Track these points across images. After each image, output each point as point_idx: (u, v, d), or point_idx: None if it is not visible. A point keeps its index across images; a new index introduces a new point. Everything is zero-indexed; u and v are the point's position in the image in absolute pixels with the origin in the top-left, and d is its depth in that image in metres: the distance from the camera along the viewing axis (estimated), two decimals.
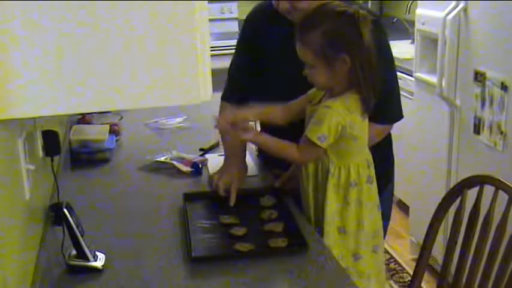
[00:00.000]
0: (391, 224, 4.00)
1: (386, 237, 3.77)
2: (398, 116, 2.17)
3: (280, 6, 1.97)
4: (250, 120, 1.97)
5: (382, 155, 2.23)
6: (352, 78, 1.82)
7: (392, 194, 2.36)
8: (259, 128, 2.31)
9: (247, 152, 2.42)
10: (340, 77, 1.82)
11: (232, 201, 2.02)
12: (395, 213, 4.23)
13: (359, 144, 1.90)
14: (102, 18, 1.12)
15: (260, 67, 2.15)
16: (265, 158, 2.39)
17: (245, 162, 2.23)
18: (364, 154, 1.94)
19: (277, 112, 2.02)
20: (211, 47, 1.24)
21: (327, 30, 1.78)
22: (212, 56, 1.26)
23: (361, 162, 1.92)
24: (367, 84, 1.82)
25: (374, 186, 1.97)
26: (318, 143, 1.82)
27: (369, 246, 1.97)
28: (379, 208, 1.99)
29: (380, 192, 2.19)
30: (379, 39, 2.06)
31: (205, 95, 1.21)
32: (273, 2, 2.02)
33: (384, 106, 2.08)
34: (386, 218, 2.33)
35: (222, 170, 2.15)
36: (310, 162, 1.91)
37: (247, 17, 2.29)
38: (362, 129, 1.90)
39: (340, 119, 1.81)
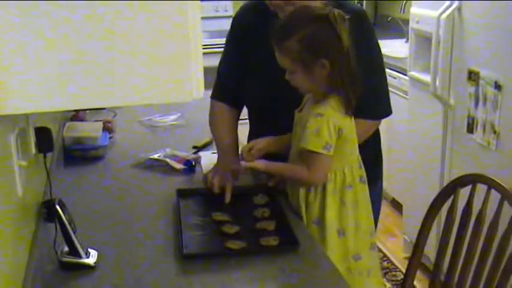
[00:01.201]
0: (385, 222, 4.05)
1: (378, 236, 3.81)
2: (387, 111, 2.17)
3: (273, 2, 1.97)
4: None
5: (371, 153, 2.24)
6: (333, 80, 1.82)
7: (382, 192, 2.37)
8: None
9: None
10: (321, 80, 1.82)
11: (227, 199, 2.02)
12: (389, 212, 4.25)
13: (351, 145, 1.91)
14: (96, 17, 1.12)
15: (249, 65, 2.15)
16: None
17: (238, 159, 2.23)
18: (356, 155, 1.95)
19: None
20: (206, 45, 1.24)
21: (303, 36, 1.77)
22: (207, 53, 1.26)
23: (354, 163, 1.93)
24: (347, 85, 1.82)
25: (366, 185, 1.98)
26: (325, 152, 1.82)
27: (367, 245, 1.98)
28: (370, 206, 2.00)
29: (371, 190, 2.21)
30: (367, 35, 2.08)
31: (198, 93, 1.21)
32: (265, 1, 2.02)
33: (372, 102, 2.10)
34: (377, 214, 2.35)
35: (216, 168, 2.15)
36: (324, 179, 1.89)
37: (236, 15, 2.28)
38: (352, 130, 1.90)
39: (336, 122, 1.82)
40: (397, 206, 4.23)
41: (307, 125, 1.82)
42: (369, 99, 2.09)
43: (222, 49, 2.31)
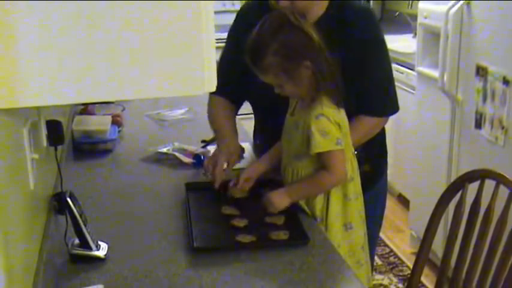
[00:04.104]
0: (391, 217, 4.05)
1: (385, 231, 3.82)
2: (394, 108, 2.17)
3: (280, 4, 1.95)
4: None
5: (376, 148, 2.24)
6: (317, 78, 1.81)
7: (387, 187, 2.38)
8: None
9: (247, 144, 2.43)
10: (308, 82, 1.82)
11: (216, 184, 2.03)
12: (395, 207, 4.25)
13: (347, 138, 1.92)
14: (108, 10, 1.12)
15: None
16: (265, 149, 2.38)
17: (238, 146, 2.20)
18: (351, 148, 1.95)
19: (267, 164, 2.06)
20: None
21: (277, 48, 1.76)
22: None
23: (351, 156, 1.94)
24: (330, 77, 1.82)
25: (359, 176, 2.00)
26: (339, 147, 1.83)
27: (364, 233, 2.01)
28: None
29: (375, 184, 2.23)
30: (373, 34, 2.07)
31: (210, 85, 1.21)
32: (270, 1, 2.00)
33: (379, 99, 2.10)
34: (382, 208, 2.36)
35: (212, 158, 2.14)
36: (345, 174, 1.89)
37: (240, 11, 2.27)
38: (346, 123, 1.91)
39: (335, 117, 1.83)
40: (403, 201, 4.23)
41: (312, 129, 1.81)
42: (376, 96, 2.09)
43: None
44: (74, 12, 1.11)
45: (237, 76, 2.16)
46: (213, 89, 1.23)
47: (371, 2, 5.32)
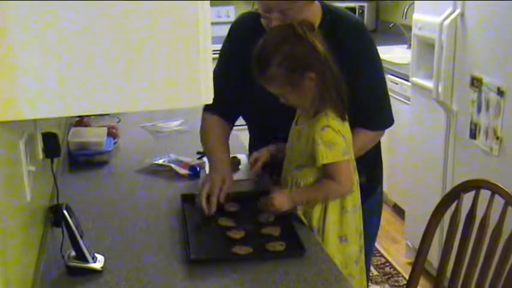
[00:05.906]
0: (387, 227, 4.06)
1: (380, 241, 3.82)
2: (390, 121, 2.18)
3: (273, 24, 1.93)
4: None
5: (373, 159, 2.25)
6: (322, 89, 1.82)
7: (382, 197, 2.39)
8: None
9: (243, 155, 2.43)
10: (313, 93, 1.83)
11: (211, 211, 1.96)
12: (391, 218, 4.26)
13: (350, 150, 1.92)
14: (104, 21, 1.13)
15: (245, 79, 2.05)
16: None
17: (230, 172, 2.11)
18: (352, 159, 1.96)
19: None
20: None
21: (281, 59, 1.77)
22: None
23: (352, 169, 1.94)
24: (335, 89, 1.83)
25: (359, 188, 2.00)
26: (346, 157, 1.84)
27: (360, 248, 2.00)
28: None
29: (371, 195, 2.23)
30: (365, 47, 2.08)
31: (207, 97, 1.22)
32: (262, 20, 1.99)
33: (375, 113, 2.11)
34: (378, 219, 2.36)
35: (207, 184, 2.02)
36: (352, 184, 1.90)
37: (233, 25, 2.23)
38: (350, 135, 1.92)
39: (340, 129, 1.84)
40: (399, 211, 4.24)
41: (317, 141, 1.81)
42: (372, 110, 2.10)
43: None
44: (72, 27, 1.11)
45: (231, 92, 2.13)
46: (210, 101, 1.23)
47: (365, 12, 5.34)
